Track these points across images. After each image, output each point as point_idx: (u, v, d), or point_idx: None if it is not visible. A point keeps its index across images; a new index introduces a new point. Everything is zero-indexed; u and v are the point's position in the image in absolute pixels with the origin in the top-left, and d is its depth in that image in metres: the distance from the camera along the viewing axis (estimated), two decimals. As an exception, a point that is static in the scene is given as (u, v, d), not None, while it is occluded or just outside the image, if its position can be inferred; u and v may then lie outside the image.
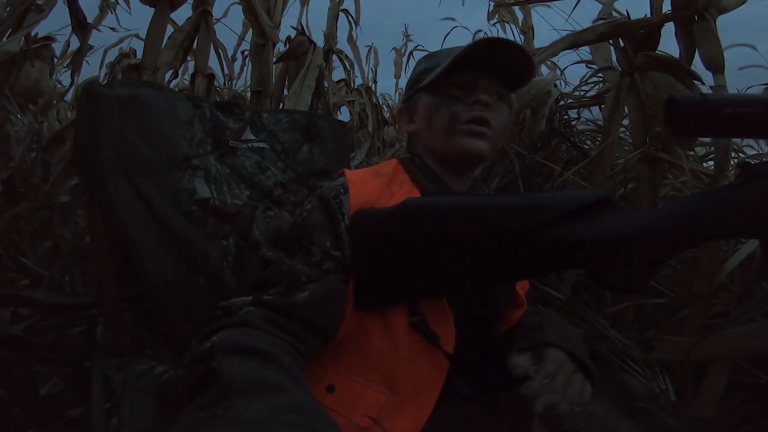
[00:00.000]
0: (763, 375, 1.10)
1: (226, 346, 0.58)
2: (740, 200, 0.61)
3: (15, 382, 1.04)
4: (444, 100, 0.81)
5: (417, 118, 0.86)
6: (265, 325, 0.63)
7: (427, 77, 0.83)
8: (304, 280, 0.68)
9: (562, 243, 0.62)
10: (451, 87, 0.82)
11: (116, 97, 0.86)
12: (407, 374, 0.71)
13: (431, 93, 0.83)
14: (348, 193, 0.75)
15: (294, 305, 0.66)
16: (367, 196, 0.76)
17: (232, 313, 0.64)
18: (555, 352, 0.76)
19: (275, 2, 1.76)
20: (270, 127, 1.06)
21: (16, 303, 1.16)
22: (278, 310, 0.65)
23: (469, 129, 0.80)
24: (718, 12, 1.25)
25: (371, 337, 0.71)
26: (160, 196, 0.88)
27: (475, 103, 0.80)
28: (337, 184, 0.77)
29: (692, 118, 0.57)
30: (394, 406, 0.69)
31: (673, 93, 0.59)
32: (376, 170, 0.83)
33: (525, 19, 2.28)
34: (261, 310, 0.64)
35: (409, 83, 0.90)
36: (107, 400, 0.73)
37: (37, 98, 2.82)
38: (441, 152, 0.83)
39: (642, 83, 1.37)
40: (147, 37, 1.52)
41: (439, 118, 0.81)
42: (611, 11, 1.61)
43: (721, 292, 1.31)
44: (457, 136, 0.80)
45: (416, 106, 0.86)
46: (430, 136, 0.83)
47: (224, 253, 0.93)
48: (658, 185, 1.43)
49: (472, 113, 0.80)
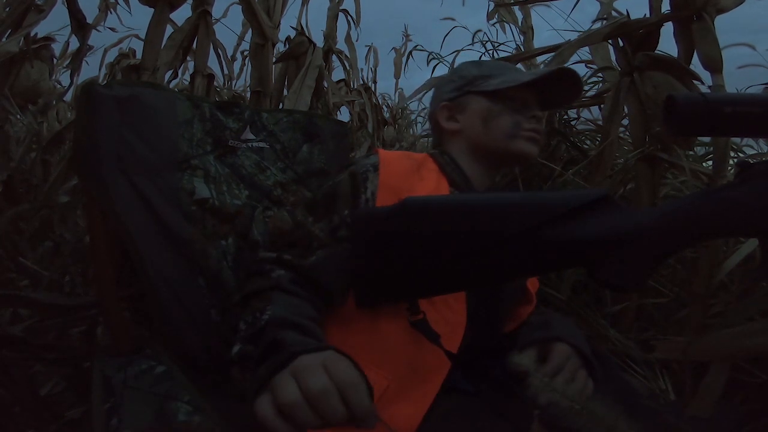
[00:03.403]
0: (763, 374, 1.10)
1: (277, 322, 0.67)
2: (739, 199, 0.61)
3: (15, 382, 1.04)
4: (506, 109, 0.90)
5: (465, 117, 0.93)
6: (293, 287, 0.74)
7: (484, 83, 0.92)
8: (316, 246, 0.78)
9: (562, 242, 0.62)
10: (510, 99, 0.91)
11: (115, 97, 0.86)
12: (412, 360, 0.72)
13: (489, 99, 0.91)
14: (378, 171, 0.82)
15: (304, 267, 0.76)
16: (398, 176, 0.82)
17: (265, 273, 0.76)
18: (562, 347, 0.79)
19: (275, 2, 1.76)
20: (270, 126, 1.06)
21: (16, 303, 1.16)
22: (296, 270, 0.76)
23: (530, 135, 0.90)
24: (716, 12, 1.26)
25: (377, 318, 0.74)
26: (160, 196, 0.87)
27: (532, 117, 0.91)
28: (368, 162, 0.84)
29: (691, 117, 0.57)
30: (395, 393, 0.70)
31: (672, 93, 0.58)
32: (408, 154, 0.90)
33: (525, 19, 2.28)
34: (288, 272, 0.76)
35: (458, 85, 0.96)
36: (107, 400, 0.73)
37: (36, 98, 2.82)
38: (493, 151, 0.91)
39: (641, 83, 1.38)
40: (146, 38, 1.52)
41: (501, 122, 0.90)
42: (611, 11, 1.61)
43: (721, 291, 1.31)
44: (519, 140, 0.90)
45: (466, 106, 0.94)
46: (485, 136, 0.91)
47: (223, 252, 0.93)
48: (657, 185, 1.43)
49: (532, 125, 0.91)
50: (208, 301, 0.89)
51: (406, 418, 0.70)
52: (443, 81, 1.00)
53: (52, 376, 1.16)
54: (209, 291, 0.89)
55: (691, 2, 1.26)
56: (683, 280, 1.44)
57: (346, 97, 2.91)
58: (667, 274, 1.48)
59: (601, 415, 0.50)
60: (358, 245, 0.70)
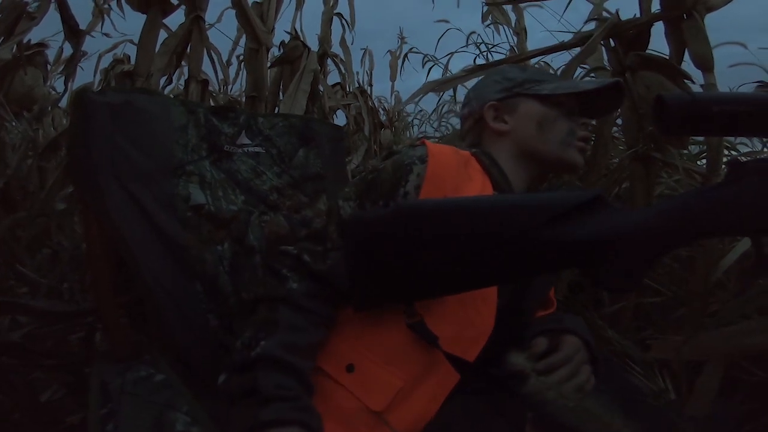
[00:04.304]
0: (763, 373, 1.10)
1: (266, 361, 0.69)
2: (730, 198, 0.61)
3: (15, 388, 1.04)
4: (560, 115, 0.89)
5: (515, 119, 0.91)
6: (305, 302, 0.73)
7: (536, 87, 0.90)
8: (330, 247, 0.76)
9: (557, 243, 0.62)
10: (562, 105, 0.89)
11: (108, 104, 0.86)
12: (424, 360, 0.73)
13: (542, 103, 0.89)
14: (425, 163, 0.78)
15: (323, 272, 0.75)
16: (447, 169, 0.80)
17: (281, 277, 0.75)
18: (573, 339, 0.80)
19: (268, 7, 1.76)
20: (265, 131, 1.06)
21: (15, 311, 1.16)
22: (313, 276, 0.75)
23: (581, 146, 0.90)
24: (706, 10, 1.26)
25: (386, 319, 0.74)
26: (155, 202, 0.88)
27: (583, 125, 0.91)
28: (414, 153, 0.80)
29: (680, 117, 0.58)
30: (408, 392, 0.71)
31: (661, 93, 0.59)
32: (456, 149, 0.87)
33: (518, 20, 2.29)
34: (302, 284, 0.74)
35: (505, 86, 0.93)
36: (104, 405, 0.73)
37: (31, 105, 2.81)
38: (544, 156, 0.89)
39: (633, 83, 1.38)
40: (139, 44, 1.52)
41: (557, 128, 0.89)
42: (602, 12, 1.62)
43: (718, 289, 1.32)
44: (572, 150, 0.89)
45: (516, 108, 0.91)
46: (537, 140, 0.89)
47: (220, 258, 0.93)
48: (652, 184, 1.43)
49: (583, 133, 0.90)
50: (206, 306, 0.89)
51: (416, 418, 0.71)
52: (485, 82, 0.97)
53: (53, 383, 1.16)
54: (207, 296, 0.90)
55: (680, 1, 1.27)
56: (681, 278, 1.44)
57: (342, 101, 2.91)
58: (664, 273, 1.48)
59: (596, 413, 0.51)
60: (352, 250, 0.71)
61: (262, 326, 0.72)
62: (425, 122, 3.99)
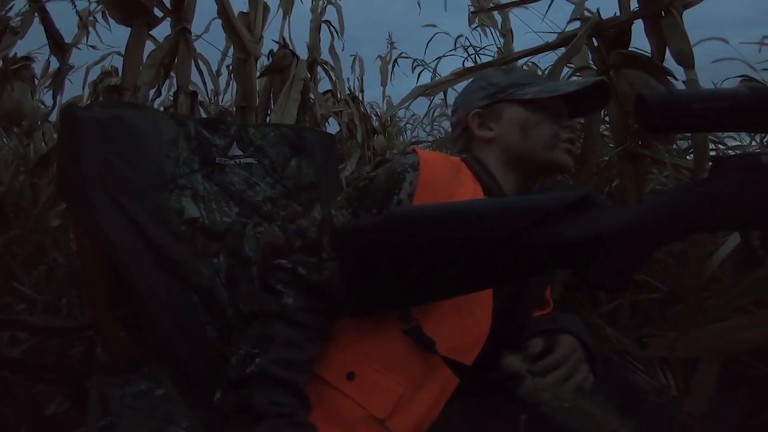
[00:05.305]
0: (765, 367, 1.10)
1: (261, 378, 0.70)
2: (716, 193, 0.62)
3: (19, 401, 1.04)
4: (545, 118, 0.89)
5: (500, 125, 0.91)
6: (300, 317, 0.75)
7: (519, 92, 0.90)
8: (325, 257, 0.77)
9: (548, 245, 0.63)
10: (546, 108, 0.89)
11: (96, 119, 0.85)
12: (423, 366, 0.74)
13: (525, 108, 0.89)
14: (417, 171, 0.79)
15: (319, 283, 0.76)
16: (438, 176, 0.80)
17: (275, 292, 0.76)
18: (569, 339, 0.80)
19: (255, 17, 1.76)
20: (257, 141, 1.06)
21: (14, 327, 1.16)
22: (308, 288, 0.76)
23: (567, 147, 0.90)
24: (683, 6, 1.27)
25: (384, 325, 0.75)
26: (147, 216, 0.87)
27: (568, 127, 0.91)
28: (406, 161, 0.81)
29: (661, 115, 0.58)
30: (409, 397, 0.72)
31: (641, 92, 0.60)
32: (446, 156, 0.88)
33: (504, 22, 2.30)
34: (297, 299, 0.75)
35: (489, 93, 0.93)
36: (103, 418, 0.73)
37: (20, 120, 2.80)
38: (531, 160, 0.89)
39: (618, 81, 1.39)
40: (125, 57, 1.49)
41: (541, 132, 0.89)
42: (583, 11, 1.64)
43: (712, 284, 1.32)
44: (558, 151, 0.89)
45: (500, 114, 0.91)
46: (522, 145, 0.89)
47: (215, 270, 0.93)
48: (642, 181, 1.44)
49: (569, 135, 0.90)
50: (204, 318, 0.89)
51: (417, 423, 0.71)
52: (470, 88, 0.97)
53: (57, 396, 1.16)
54: (204, 308, 0.90)
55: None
56: (676, 274, 1.45)
57: (333, 108, 2.92)
58: (660, 269, 1.49)
59: (590, 413, 0.51)
60: (346, 258, 0.71)
61: (256, 342, 0.73)
62: (418, 126, 4.00)
